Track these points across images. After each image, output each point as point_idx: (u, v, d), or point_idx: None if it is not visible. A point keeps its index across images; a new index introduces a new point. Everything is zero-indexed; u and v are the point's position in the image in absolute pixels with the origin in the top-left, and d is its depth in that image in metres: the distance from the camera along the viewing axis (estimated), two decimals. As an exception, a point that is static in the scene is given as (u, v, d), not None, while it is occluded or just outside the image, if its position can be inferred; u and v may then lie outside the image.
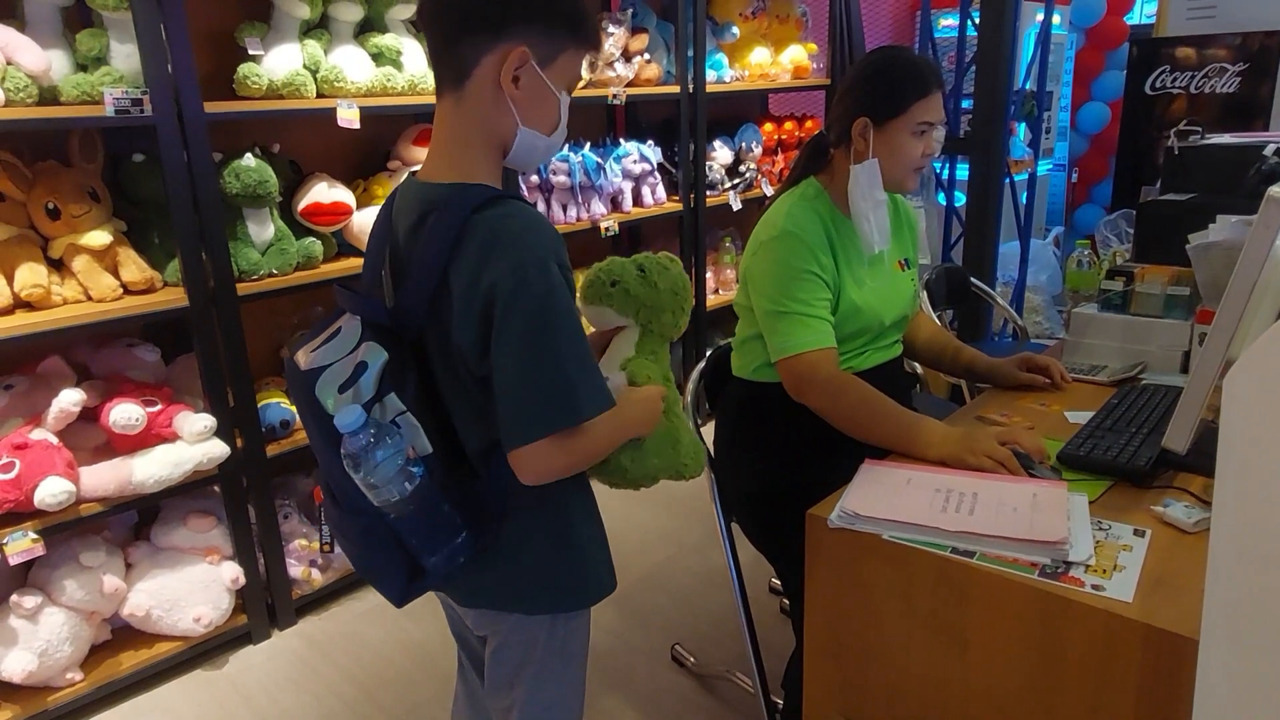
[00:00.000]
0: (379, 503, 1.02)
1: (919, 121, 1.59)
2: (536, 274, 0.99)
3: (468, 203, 1.02)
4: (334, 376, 1.04)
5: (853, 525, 1.23)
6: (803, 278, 1.56)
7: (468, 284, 1.01)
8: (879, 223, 1.62)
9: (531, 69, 1.04)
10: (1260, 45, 3.86)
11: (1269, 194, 1.10)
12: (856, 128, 1.61)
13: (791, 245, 1.57)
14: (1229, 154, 2.26)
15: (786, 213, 1.61)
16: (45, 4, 1.98)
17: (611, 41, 3.02)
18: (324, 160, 2.56)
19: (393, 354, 1.04)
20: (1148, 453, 1.35)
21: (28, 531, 1.90)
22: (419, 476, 1.02)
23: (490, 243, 1.01)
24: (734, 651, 2.21)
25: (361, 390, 1.02)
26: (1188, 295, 1.83)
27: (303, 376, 1.05)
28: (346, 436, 0.98)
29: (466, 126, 1.08)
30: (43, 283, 1.96)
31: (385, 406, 1.03)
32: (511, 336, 1.00)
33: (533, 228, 1.02)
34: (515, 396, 1.01)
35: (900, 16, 5.37)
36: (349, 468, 1.00)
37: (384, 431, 1.00)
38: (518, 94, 1.05)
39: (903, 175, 1.63)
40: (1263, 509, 0.72)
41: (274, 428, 2.33)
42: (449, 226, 1.01)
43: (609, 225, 3.09)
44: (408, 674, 2.22)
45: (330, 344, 1.07)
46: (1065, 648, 1.06)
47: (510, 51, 1.03)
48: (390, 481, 1.00)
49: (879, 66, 1.63)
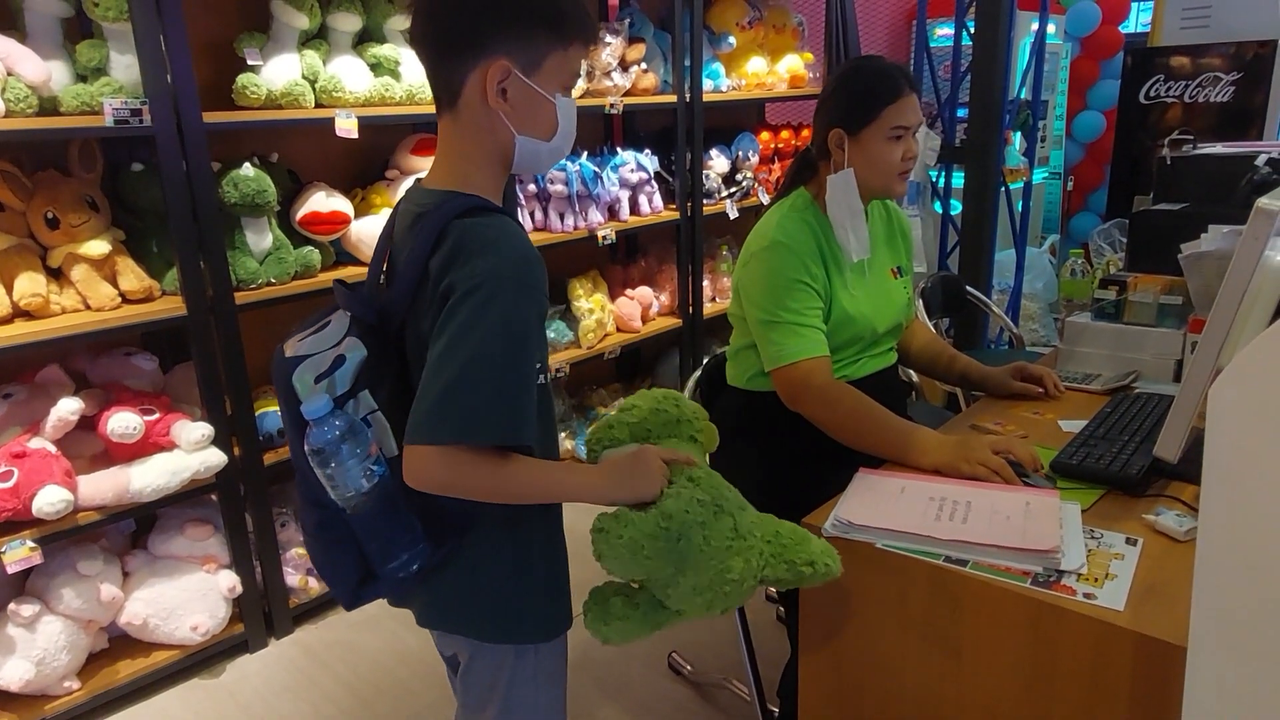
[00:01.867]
0: (337, 497, 1.02)
1: (893, 126, 1.60)
2: (489, 287, 0.98)
3: (453, 209, 1.03)
4: (313, 366, 1.04)
5: (847, 534, 1.24)
6: (794, 287, 1.57)
7: (434, 281, 1.02)
8: (857, 232, 1.64)
9: (517, 79, 1.04)
10: (1254, 54, 3.88)
11: (1258, 205, 1.11)
12: (832, 139, 1.63)
13: (782, 255, 1.58)
14: (1221, 164, 2.27)
15: (777, 223, 1.62)
16: (46, 15, 1.99)
17: (609, 51, 3.04)
18: (322, 169, 2.58)
19: (373, 352, 1.05)
20: (1140, 461, 1.35)
21: (25, 540, 1.90)
22: (378, 475, 1.02)
23: (459, 247, 1.01)
24: (731, 659, 2.22)
25: (337, 383, 1.02)
26: (1180, 304, 1.84)
27: (285, 363, 1.06)
28: (311, 424, 0.99)
29: (465, 141, 1.09)
30: (41, 292, 1.97)
31: (359, 403, 1.03)
32: (442, 338, 0.99)
33: (506, 242, 1.02)
34: (423, 394, 0.99)
35: (896, 26, 5.40)
36: (310, 457, 1.00)
37: (350, 425, 1.00)
38: (507, 106, 1.05)
39: (886, 181, 1.64)
40: (1249, 518, 0.73)
41: (271, 436, 2.34)
42: (431, 228, 1.03)
43: (606, 234, 3.11)
44: (405, 683, 2.22)
45: (317, 335, 1.08)
46: (1058, 656, 1.07)
47: (490, 67, 1.03)
48: (349, 476, 1.00)
49: (847, 77, 1.66)
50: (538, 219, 3.06)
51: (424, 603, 1.17)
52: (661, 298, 3.53)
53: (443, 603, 1.15)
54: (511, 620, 1.14)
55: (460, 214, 1.03)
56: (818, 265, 1.60)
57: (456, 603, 1.14)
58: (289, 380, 1.04)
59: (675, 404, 1.21)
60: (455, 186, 1.08)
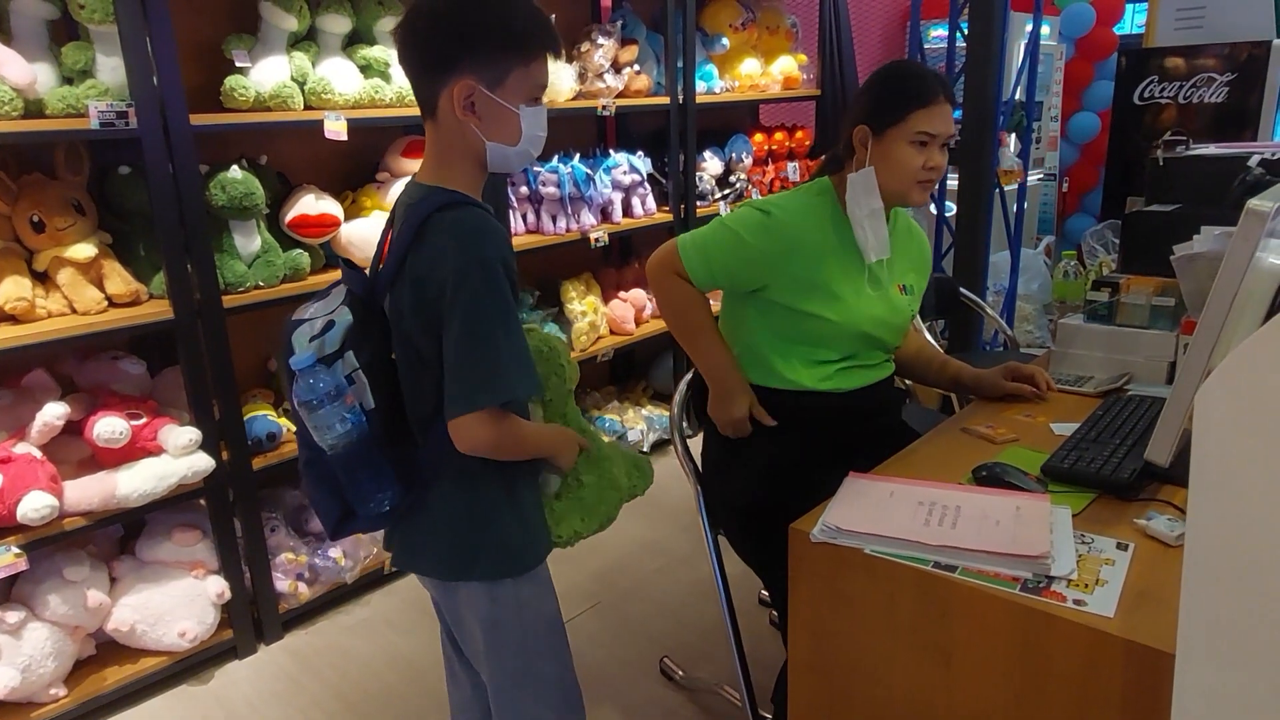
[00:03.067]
0: (319, 439, 1.19)
1: (918, 131, 1.56)
2: (481, 271, 1.16)
3: (434, 203, 1.20)
4: (310, 328, 1.21)
5: (835, 539, 1.23)
6: (729, 237, 1.62)
7: (423, 272, 1.18)
8: (875, 232, 1.61)
9: (482, 94, 1.19)
10: (1247, 55, 3.88)
11: (1248, 206, 1.10)
12: (858, 135, 1.61)
13: (746, 214, 1.63)
14: (1213, 165, 2.26)
15: (785, 197, 1.66)
16: (31, 17, 1.98)
17: (601, 53, 3.03)
18: (312, 172, 2.56)
19: (359, 320, 1.21)
20: (1132, 465, 1.34)
21: (10, 546, 1.88)
22: (352, 422, 1.18)
23: (445, 239, 1.17)
24: (723, 665, 2.20)
25: (326, 344, 1.18)
26: (1173, 306, 1.83)
27: (289, 324, 1.24)
28: (298, 374, 1.16)
29: (444, 146, 1.25)
30: (27, 296, 1.95)
31: (345, 362, 1.19)
32: (456, 324, 1.16)
33: (484, 229, 1.19)
34: (456, 375, 1.17)
35: (890, 28, 5.40)
36: (297, 404, 1.17)
37: (333, 378, 1.17)
38: (475, 118, 1.20)
39: (904, 187, 1.60)
40: (1237, 523, 0.72)
41: (260, 440, 2.32)
42: (414, 220, 1.19)
43: (599, 236, 3.09)
44: (395, 689, 2.21)
45: (319, 302, 1.27)
46: (1048, 663, 1.06)
47: (456, 85, 1.18)
48: (328, 420, 1.16)
49: (883, 75, 1.64)
50: (530, 221, 3.04)
51: (398, 546, 1.36)
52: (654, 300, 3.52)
53: (411, 546, 1.34)
54: (466, 560, 1.30)
55: (440, 208, 1.19)
56: (793, 249, 1.60)
57: (420, 545, 1.33)
58: (289, 338, 1.22)
59: (548, 345, 1.44)
60: (439, 183, 1.24)
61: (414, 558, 1.36)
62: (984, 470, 1.39)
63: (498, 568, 1.32)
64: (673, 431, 1.84)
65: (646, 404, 3.66)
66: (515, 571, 1.33)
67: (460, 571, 1.32)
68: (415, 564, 1.37)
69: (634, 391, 3.73)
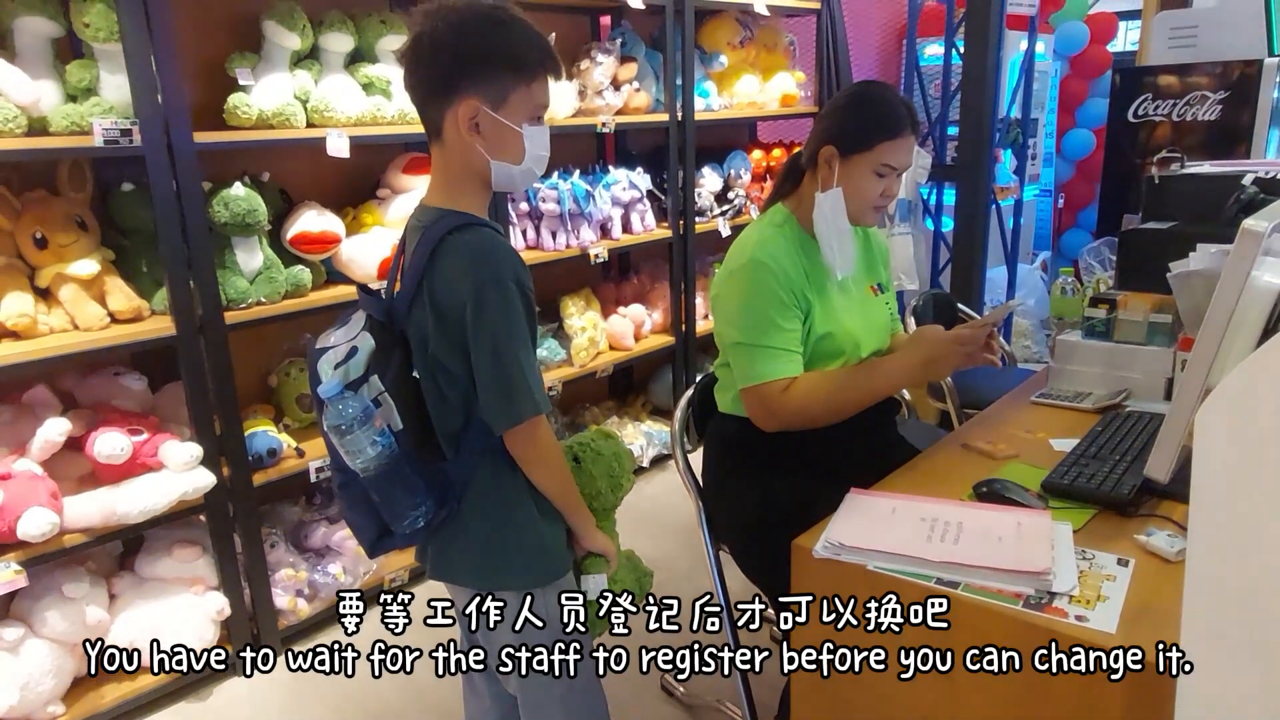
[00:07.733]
0: (351, 463, 1.21)
1: (882, 163, 1.59)
2: (497, 292, 1.20)
3: (446, 226, 1.23)
4: (334, 355, 1.25)
5: (838, 555, 1.23)
6: (774, 308, 1.57)
7: (441, 294, 1.22)
8: (844, 250, 1.63)
9: (486, 114, 1.23)
10: (1240, 73, 3.92)
11: (1244, 226, 1.11)
12: (824, 154, 1.62)
13: (762, 274, 1.57)
14: (1208, 183, 2.28)
15: (757, 241, 1.62)
16: (36, 35, 1.99)
17: (601, 70, 3.05)
18: (314, 189, 2.57)
19: (380, 343, 1.24)
20: (1131, 481, 1.35)
21: (10, 563, 1.88)
22: (383, 445, 1.20)
23: (460, 262, 1.21)
24: (724, 682, 2.20)
25: (351, 370, 1.22)
26: (1170, 323, 1.84)
27: (315, 352, 1.28)
28: (327, 401, 1.19)
29: (450, 167, 1.29)
30: (29, 312, 1.96)
31: (370, 385, 1.22)
32: (480, 346, 1.21)
33: (496, 250, 1.23)
34: (491, 393, 1.23)
35: (886, 45, 5.44)
36: (328, 429, 1.20)
37: (360, 403, 1.20)
38: (479, 137, 1.24)
39: (859, 210, 1.64)
40: (1237, 541, 0.73)
41: (261, 456, 2.32)
42: (428, 243, 1.23)
43: (598, 252, 3.11)
44: (395, 707, 2.20)
45: (340, 329, 1.30)
46: (1050, 679, 1.06)
47: (460, 106, 1.22)
48: (360, 444, 1.19)
49: (857, 98, 1.65)
50: (530, 237, 3.06)
51: (435, 558, 1.38)
52: (654, 316, 3.53)
53: (444, 556, 1.37)
54: (500, 568, 1.34)
55: (452, 230, 1.22)
56: (799, 276, 1.60)
57: (453, 556, 1.36)
58: (316, 365, 1.26)
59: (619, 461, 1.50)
60: (448, 205, 1.28)
61: (448, 568, 1.38)
62: (985, 486, 1.40)
63: (529, 575, 1.35)
64: (674, 446, 1.85)
65: (646, 419, 3.66)
66: (545, 579, 1.36)
67: (493, 580, 1.35)
68: (449, 574, 1.40)
69: (633, 407, 3.73)
